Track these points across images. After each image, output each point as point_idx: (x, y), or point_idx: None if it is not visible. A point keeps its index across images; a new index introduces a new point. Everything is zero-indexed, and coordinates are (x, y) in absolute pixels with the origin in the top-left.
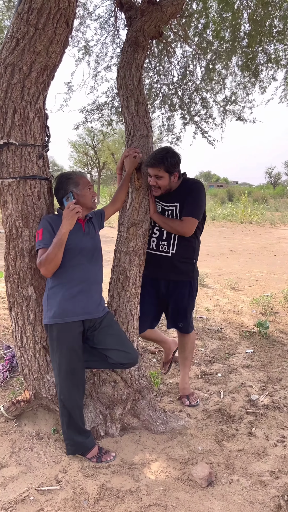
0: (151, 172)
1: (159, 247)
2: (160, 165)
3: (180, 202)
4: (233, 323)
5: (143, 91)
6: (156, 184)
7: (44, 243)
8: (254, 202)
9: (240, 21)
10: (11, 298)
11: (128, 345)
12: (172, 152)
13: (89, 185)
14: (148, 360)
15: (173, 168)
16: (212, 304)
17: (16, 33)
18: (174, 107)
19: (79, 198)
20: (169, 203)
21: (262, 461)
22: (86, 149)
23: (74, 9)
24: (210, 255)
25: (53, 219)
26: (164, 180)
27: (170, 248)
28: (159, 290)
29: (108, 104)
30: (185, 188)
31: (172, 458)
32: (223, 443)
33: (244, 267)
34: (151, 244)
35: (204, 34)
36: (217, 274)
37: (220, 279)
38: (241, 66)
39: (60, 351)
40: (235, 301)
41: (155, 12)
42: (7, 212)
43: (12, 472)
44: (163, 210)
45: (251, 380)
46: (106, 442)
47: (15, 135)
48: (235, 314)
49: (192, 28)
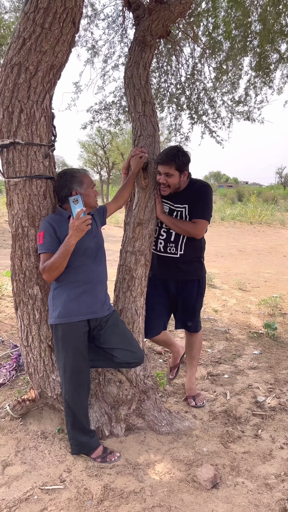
0: (161, 170)
1: (167, 249)
2: (171, 162)
3: (189, 204)
4: (240, 324)
5: (150, 90)
6: (166, 182)
7: (45, 247)
8: (264, 203)
9: (250, 19)
10: (17, 297)
11: (134, 344)
12: (183, 151)
13: (92, 184)
14: (154, 360)
15: (184, 166)
16: (220, 304)
17: (23, 33)
18: (181, 107)
19: (83, 198)
20: (178, 204)
21: (268, 463)
22: (95, 149)
23: (80, 8)
24: (219, 256)
25: (54, 219)
26: (175, 179)
27: (178, 249)
28: (169, 290)
29: (116, 103)
30: (193, 190)
31: (177, 459)
32: (229, 445)
33: (253, 268)
34: (158, 246)
35: (214, 34)
36: (226, 274)
37: (228, 280)
38: (252, 65)
39: (65, 351)
40: (243, 302)
41: (163, 11)
42: (13, 211)
43: (16, 471)
44: (171, 211)
45: (258, 382)
46: (111, 442)
47: (21, 135)
48: (243, 315)
49: (201, 27)
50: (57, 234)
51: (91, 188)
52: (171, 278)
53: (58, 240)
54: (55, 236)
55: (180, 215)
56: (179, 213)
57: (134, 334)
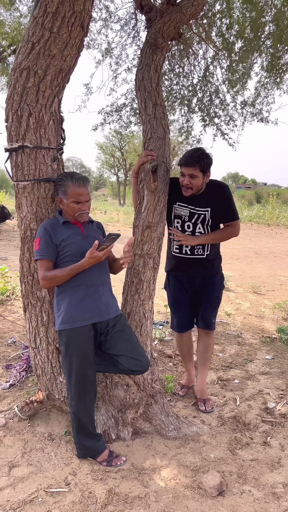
0: (185, 172)
1: (194, 251)
2: (196, 164)
3: (212, 207)
4: (253, 328)
5: (162, 93)
6: (189, 183)
7: (41, 254)
8: (283, 204)
9: (265, 20)
10: (26, 299)
11: (140, 351)
12: (206, 153)
13: (77, 199)
14: (164, 363)
15: (207, 168)
16: (233, 308)
17: (32, 37)
18: (193, 109)
19: (64, 207)
20: (200, 208)
21: (276, 472)
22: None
23: (89, 12)
24: (234, 258)
25: (52, 225)
26: (198, 180)
27: (205, 250)
28: (194, 287)
29: (127, 105)
30: (213, 192)
31: (183, 465)
32: (237, 451)
33: (269, 271)
34: (183, 249)
35: (227, 35)
36: (241, 277)
37: (243, 283)
38: (266, 66)
39: (71, 356)
40: (257, 305)
41: (174, 13)
42: (22, 214)
43: (22, 472)
44: (191, 214)
45: (269, 388)
46: (117, 445)
47: (30, 138)
48: (256, 319)
49: (214, 28)
50: (53, 240)
51: (74, 202)
52: (198, 276)
53: (54, 246)
54: (51, 242)
55: (203, 218)
56: (202, 216)
57: (142, 338)
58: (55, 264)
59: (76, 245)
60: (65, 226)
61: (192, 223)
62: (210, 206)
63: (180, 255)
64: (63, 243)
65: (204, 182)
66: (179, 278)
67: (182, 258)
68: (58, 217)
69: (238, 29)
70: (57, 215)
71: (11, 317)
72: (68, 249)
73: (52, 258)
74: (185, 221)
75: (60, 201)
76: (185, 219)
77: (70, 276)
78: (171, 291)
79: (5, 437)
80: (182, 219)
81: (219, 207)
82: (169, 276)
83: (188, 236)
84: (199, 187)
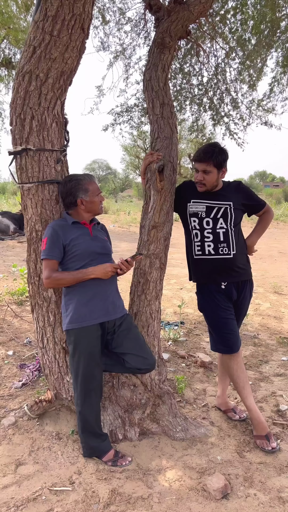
0: (199, 167)
1: (218, 250)
2: (209, 159)
3: (233, 201)
4: (271, 329)
5: (169, 92)
6: (203, 179)
7: (47, 254)
8: None
9: (280, 15)
10: (33, 300)
11: (146, 350)
12: (220, 148)
13: (98, 190)
14: (176, 364)
15: (222, 163)
16: (252, 308)
17: (33, 41)
18: (204, 108)
19: (87, 205)
20: (222, 201)
21: (284, 475)
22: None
23: (89, 14)
24: (258, 258)
25: (60, 225)
26: (212, 176)
27: (231, 249)
28: (232, 296)
29: (138, 106)
30: (233, 189)
31: (189, 467)
32: (244, 454)
33: None
34: (206, 250)
35: (242, 31)
36: (263, 277)
37: (264, 283)
38: (281, 62)
39: (79, 356)
40: (277, 306)
41: (182, 12)
42: (28, 216)
43: (28, 471)
44: (209, 209)
45: (282, 389)
46: (124, 446)
47: (33, 141)
48: (275, 319)
49: (228, 25)
50: (62, 240)
51: (96, 195)
52: (230, 281)
53: (61, 247)
54: (58, 243)
55: (224, 211)
56: (223, 210)
57: (148, 338)
58: (62, 263)
59: (85, 245)
60: (74, 226)
61: (212, 219)
62: (232, 201)
63: (203, 257)
64: (72, 243)
65: (220, 178)
66: (213, 293)
67: (203, 260)
68: (67, 218)
69: (253, 25)
70: (66, 216)
71: (28, 318)
72: (77, 249)
73: (57, 258)
74: (202, 218)
75: (81, 202)
76: (202, 215)
77: (76, 281)
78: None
79: (14, 435)
80: (199, 216)
81: (244, 201)
82: (203, 287)
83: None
84: (213, 183)
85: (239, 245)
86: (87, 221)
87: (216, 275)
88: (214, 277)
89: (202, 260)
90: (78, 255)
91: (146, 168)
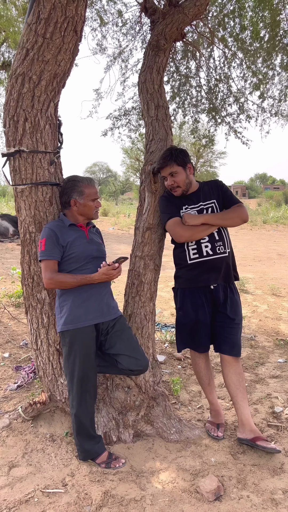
0: (164, 173)
1: (215, 249)
2: (170, 161)
3: (216, 198)
4: (268, 330)
5: (164, 94)
6: (173, 183)
7: (47, 254)
8: None
9: (279, 19)
10: (27, 302)
11: (139, 351)
12: (176, 148)
13: (94, 196)
14: (172, 366)
15: (184, 160)
16: (250, 310)
17: (26, 44)
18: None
19: (80, 207)
20: (206, 201)
21: (277, 477)
22: (138, 154)
23: (82, 17)
24: (256, 260)
25: (58, 226)
26: (181, 175)
27: (226, 247)
28: (217, 300)
29: (135, 108)
30: (211, 187)
31: (182, 469)
32: (238, 456)
33: None
34: (204, 251)
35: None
36: (261, 279)
37: (262, 285)
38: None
39: (73, 357)
40: (275, 308)
41: (176, 15)
42: (21, 217)
43: (21, 472)
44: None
45: (277, 391)
46: (118, 448)
47: (26, 143)
48: (272, 321)
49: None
50: (60, 241)
51: (92, 200)
52: (223, 281)
53: (60, 247)
54: (57, 243)
55: (211, 210)
56: (210, 209)
57: (143, 340)
58: (58, 264)
59: (81, 248)
60: (71, 228)
61: None
62: (215, 198)
63: (201, 259)
64: (69, 245)
65: (189, 175)
66: (195, 295)
67: (199, 262)
68: (64, 219)
69: (252, 29)
70: (62, 217)
71: (25, 320)
72: (73, 251)
73: (57, 259)
74: None
75: (74, 203)
76: None
77: (77, 285)
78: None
79: (7, 437)
80: None
81: (222, 197)
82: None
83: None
84: (185, 181)
85: (230, 242)
86: (84, 224)
87: (209, 276)
88: (206, 279)
89: (198, 263)
90: (74, 257)
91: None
